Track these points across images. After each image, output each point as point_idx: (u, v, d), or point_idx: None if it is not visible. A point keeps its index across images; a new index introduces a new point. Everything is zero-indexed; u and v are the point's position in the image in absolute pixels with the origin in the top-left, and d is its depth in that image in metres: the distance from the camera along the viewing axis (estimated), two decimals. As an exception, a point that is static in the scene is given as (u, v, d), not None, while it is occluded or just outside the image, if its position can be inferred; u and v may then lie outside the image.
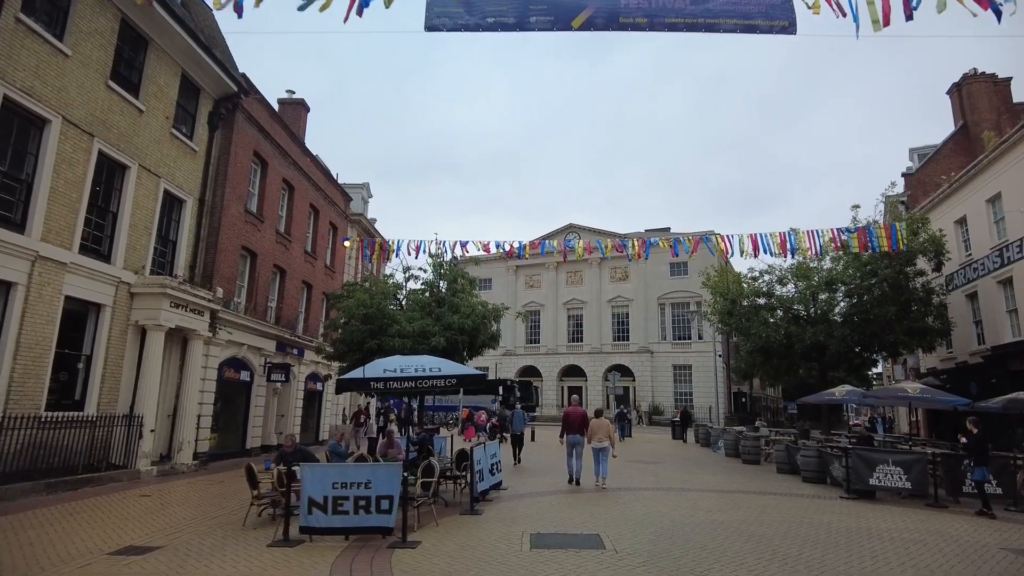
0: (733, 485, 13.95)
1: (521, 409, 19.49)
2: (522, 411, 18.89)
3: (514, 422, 18.32)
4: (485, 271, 63.42)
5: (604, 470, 13.00)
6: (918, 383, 14.01)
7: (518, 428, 18.17)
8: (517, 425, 18.21)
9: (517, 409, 19.05)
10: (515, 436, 18.06)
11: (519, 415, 18.48)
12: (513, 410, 19.40)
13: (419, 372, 10.28)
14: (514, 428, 18.21)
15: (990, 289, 22.38)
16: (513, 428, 18.27)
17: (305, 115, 29.69)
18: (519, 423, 18.27)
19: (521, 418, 18.39)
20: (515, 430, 18.14)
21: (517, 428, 18.16)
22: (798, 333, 22.77)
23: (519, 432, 18.10)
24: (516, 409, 19.10)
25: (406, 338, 14.91)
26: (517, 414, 18.49)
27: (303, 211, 23.08)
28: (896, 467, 11.77)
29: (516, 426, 18.21)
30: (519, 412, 18.61)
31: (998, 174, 21.80)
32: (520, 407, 35.97)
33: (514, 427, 18.24)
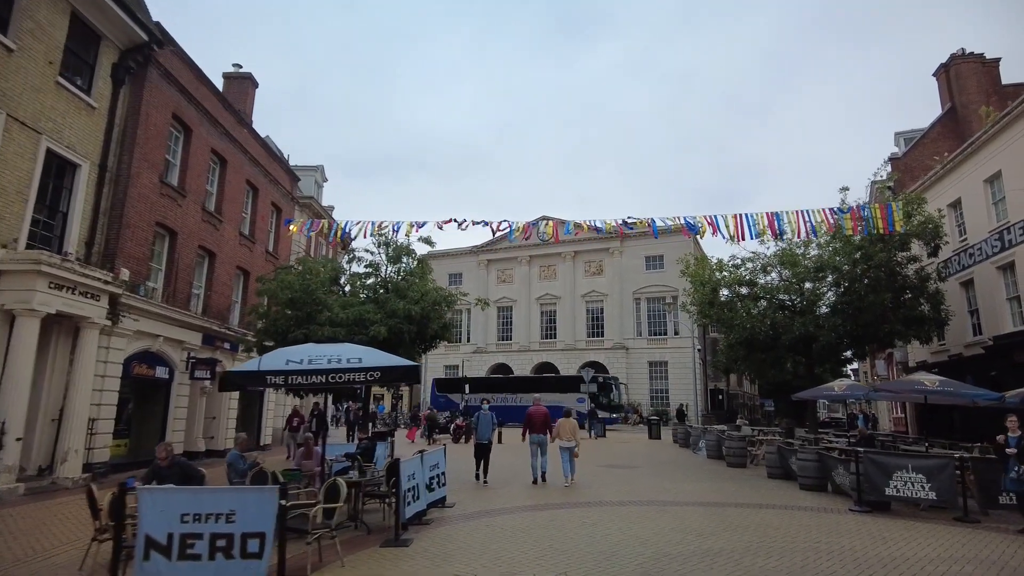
0: (723, 495, 11.92)
1: (490, 410, 14.45)
2: (490, 413, 14.15)
3: (479, 427, 13.85)
4: (455, 265, 61.20)
5: (572, 468, 13.32)
6: (935, 375, 12.16)
7: (484, 435, 13.71)
8: (483, 432, 13.75)
9: (482, 410, 14.20)
10: (479, 446, 13.62)
11: (485, 419, 13.85)
12: (478, 411, 14.38)
13: (332, 364, 8.08)
14: (479, 436, 13.77)
15: (988, 275, 20.78)
16: (477, 436, 13.78)
17: (253, 91, 27.22)
18: (485, 429, 13.77)
19: (488, 423, 13.86)
20: (480, 438, 13.72)
21: (483, 436, 13.71)
22: (785, 323, 20.96)
23: (485, 441, 13.65)
24: (482, 411, 14.17)
25: (339, 327, 12.62)
26: (483, 417, 13.86)
27: (238, 188, 20.57)
28: (918, 474, 9.84)
29: (481, 433, 13.75)
30: (484, 415, 13.95)
31: (998, 151, 20.19)
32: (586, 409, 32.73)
33: (479, 434, 13.79)
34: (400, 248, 15.33)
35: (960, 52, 29.35)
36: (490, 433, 13.89)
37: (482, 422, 13.94)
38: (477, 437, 13.80)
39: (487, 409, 14.29)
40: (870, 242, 19.99)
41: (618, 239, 54.51)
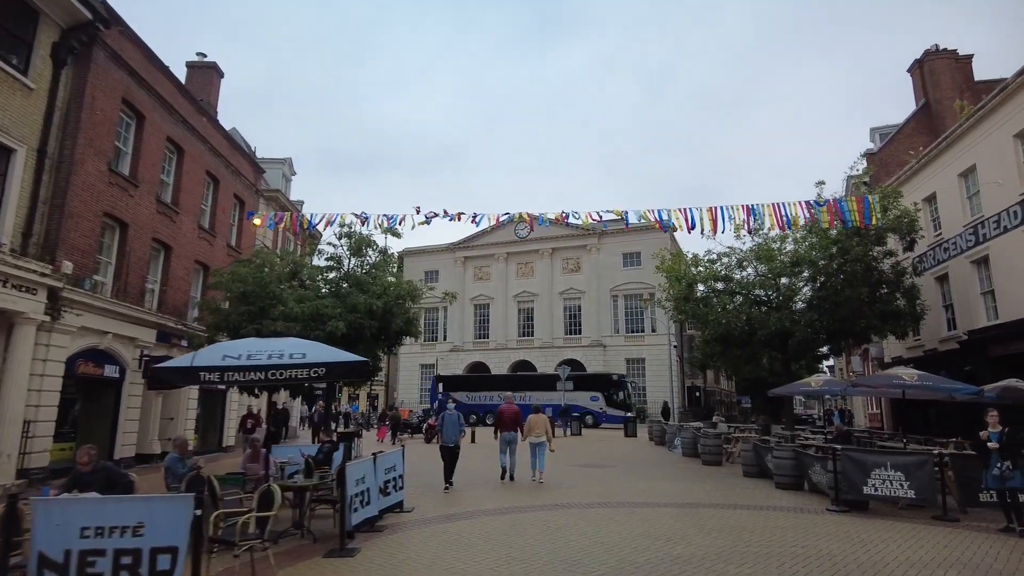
0: (696, 496, 11.45)
1: (456, 410, 13.19)
2: (457, 414, 12.84)
3: (445, 429, 12.51)
4: (432, 262, 60.41)
5: (541, 464, 13.45)
6: (913, 369, 11.81)
7: (450, 438, 12.41)
8: (449, 434, 12.44)
9: (449, 410, 12.90)
10: (446, 449, 12.39)
11: (451, 419, 12.55)
12: (443, 412, 13.01)
13: (273, 360, 7.42)
14: (444, 438, 12.45)
15: (963, 270, 20.66)
16: (443, 438, 12.47)
17: (218, 81, 26.32)
18: (451, 431, 12.45)
19: (455, 424, 12.54)
20: (446, 440, 12.43)
21: (449, 438, 12.41)
22: (761, 319, 20.64)
23: (451, 443, 12.40)
24: (448, 410, 12.87)
25: (293, 322, 11.90)
26: (448, 418, 12.56)
27: (197, 179, 19.69)
28: (896, 472, 9.44)
29: (447, 435, 12.43)
30: (450, 415, 12.62)
31: (972, 145, 20.05)
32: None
33: (444, 437, 12.46)
34: (361, 239, 14.62)
35: (934, 48, 29.38)
36: (458, 435, 12.52)
37: (448, 423, 12.51)
38: (443, 439, 12.44)
39: (453, 408, 13.04)
40: (846, 236, 19.75)
41: (595, 236, 54.19)
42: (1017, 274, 17.78)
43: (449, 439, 12.52)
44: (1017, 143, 17.90)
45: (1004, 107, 18.37)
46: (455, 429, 12.63)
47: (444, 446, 12.54)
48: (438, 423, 12.98)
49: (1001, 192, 18.42)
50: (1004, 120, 18.39)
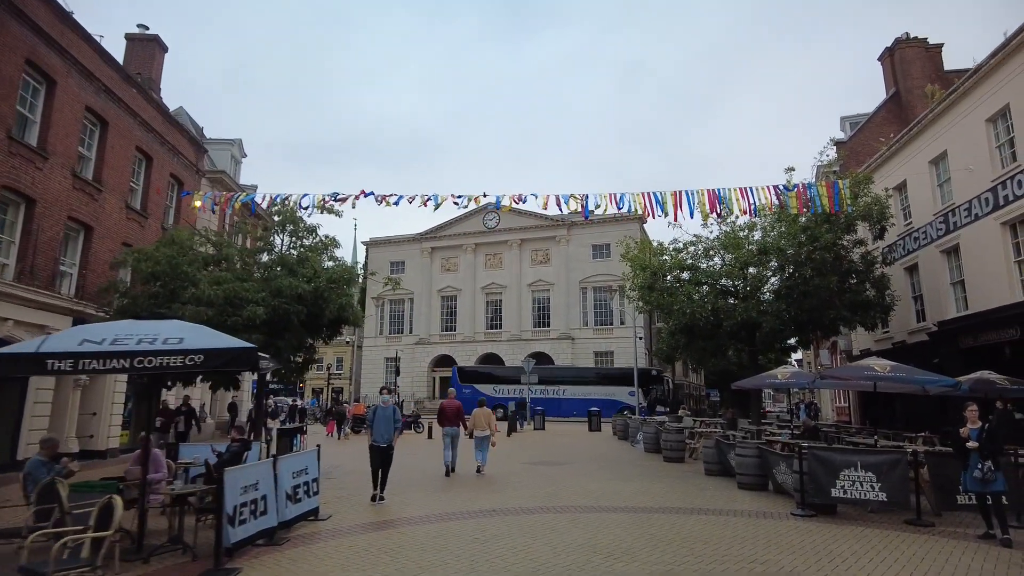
0: (651, 498, 10.46)
1: (394, 405, 10.78)
2: (393, 407, 10.50)
3: (375, 425, 10.26)
4: (398, 252, 58.90)
5: (484, 457, 13.56)
6: (886, 360, 10.97)
7: (381, 437, 10.15)
8: (380, 432, 10.18)
9: (383, 402, 10.55)
10: (376, 450, 10.13)
11: (384, 414, 10.31)
12: (375, 407, 10.64)
13: (142, 345, 6.21)
14: (374, 436, 10.21)
15: (933, 260, 20.07)
16: (373, 437, 10.24)
17: (160, 55, 24.68)
18: (384, 428, 10.19)
19: (387, 421, 10.28)
20: (376, 439, 10.17)
21: (380, 437, 10.15)
22: (727, 309, 19.82)
23: (383, 443, 10.13)
24: (382, 404, 10.52)
25: (205, 306, 10.60)
26: (381, 412, 10.33)
27: (124, 155, 18.09)
28: (867, 472, 8.54)
29: (378, 434, 10.17)
30: (383, 409, 10.36)
31: (943, 131, 19.41)
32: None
33: (374, 434, 10.23)
34: (287, 215, 13.33)
35: (904, 36, 28.87)
36: (392, 433, 10.24)
37: (379, 418, 10.27)
38: (372, 438, 10.19)
39: (388, 400, 10.57)
40: (816, 223, 19.01)
41: (565, 227, 53.29)
42: (988, 263, 17.18)
43: (380, 438, 10.16)
44: (989, 128, 17.26)
45: (976, 91, 17.72)
46: (389, 425, 10.28)
47: (373, 446, 10.17)
48: (367, 416, 10.58)
49: (972, 179, 17.79)
50: (976, 104, 17.75)
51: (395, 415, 10.40)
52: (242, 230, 13.91)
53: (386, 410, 10.55)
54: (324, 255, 14.41)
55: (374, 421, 10.48)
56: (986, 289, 17.13)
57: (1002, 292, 16.29)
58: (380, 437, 10.33)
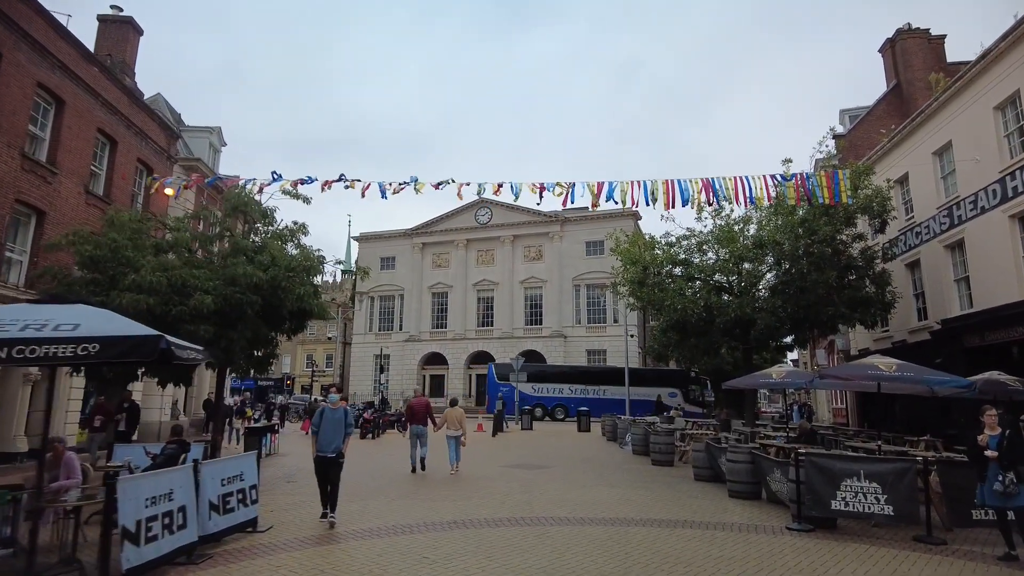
0: (633, 508, 9.53)
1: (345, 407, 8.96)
2: (343, 408, 8.72)
3: (321, 433, 8.42)
4: (388, 248, 57.88)
5: (457, 456, 13.30)
6: (891, 359, 10.07)
7: (327, 445, 8.34)
8: (326, 438, 8.36)
9: (331, 403, 8.71)
10: (322, 462, 8.36)
11: (331, 417, 8.47)
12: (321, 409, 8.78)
13: (28, 332, 5.28)
14: (319, 445, 8.38)
15: (936, 255, 19.17)
16: (318, 446, 8.41)
17: (135, 39, 23.65)
18: (331, 434, 8.38)
19: (336, 425, 8.44)
20: (321, 448, 8.37)
21: (325, 445, 8.35)
22: (720, 305, 18.91)
23: (329, 454, 8.33)
24: (329, 405, 8.69)
25: (146, 293, 9.61)
26: (329, 415, 8.48)
27: (84, 137, 17.07)
28: (871, 483, 7.62)
29: (324, 441, 8.35)
30: (332, 411, 8.53)
31: (948, 120, 18.51)
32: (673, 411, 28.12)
33: (319, 443, 8.38)
34: (236, 198, 12.33)
35: (906, 27, 27.98)
36: (340, 440, 8.42)
37: (326, 424, 8.42)
38: (317, 447, 8.40)
39: (338, 401, 8.74)
40: (814, 215, 18.12)
41: (558, 223, 52.35)
42: (994, 258, 16.30)
43: (326, 446, 8.33)
44: (997, 116, 16.37)
45: (983, 77, 16.82)
46: (337, 431, 8.42)
47: (319, 457, 8.37)
48: (312, 421, 8.79)
49: (978, 170, 16.89)
50: (983, 91, 16.85)
51: (346, 418, 8.62)
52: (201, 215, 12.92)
53: (335, 413, 8.69)
54: (290, 243, 13.43)
55: (320, 426, 8.52)
56: (992, 286, 16.25)
57: (1010, 289, 15.41)
58: (326, 445, 8.40)
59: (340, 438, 8.54)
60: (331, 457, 8.40)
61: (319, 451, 8.47)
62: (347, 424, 8.68)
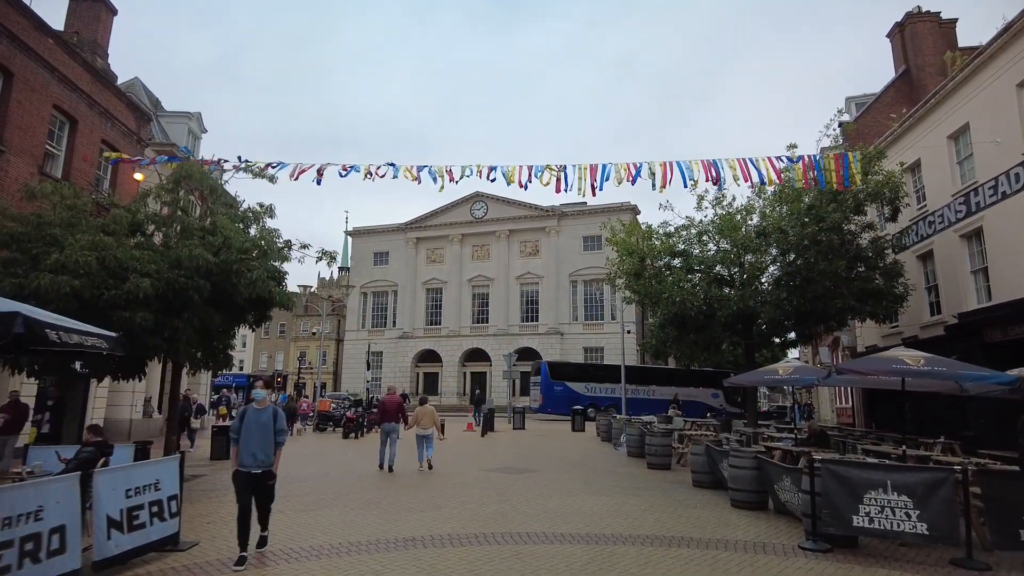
0: (623, 520, 8.37)
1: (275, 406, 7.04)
2: (273, 408, 6.76)
3: (242, 441, 6.46)
4: (382, 243, 56.75)
5: (430, 453, 13.17)
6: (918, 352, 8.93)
7: (251, 458, 6.40)
8: (248, 451, 6.41)
9: (256, 401, 6.74)
10: (242, 480, 6.42)
11: (256, 422, 6.51)
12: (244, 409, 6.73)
13: None
14: (240, 458, 6.44)
15: (950, 246, 18.02)
16: (239, 458, 6.46)
17: (108, 18, 22.44)
18: (255, 445, 6.43)
19: (262, 431, 6.48)
20: (242, 463, 6.42)
21: (248, 458, 6.40)
22: (721, 299, 17.75)
23: (253, 469, 6.41)
24: (254, 405, 6.70)
25: (70, 276, 8.43)
26: (252, 417, 6.55)
27: (37, 115, 15.86)
28: (900, 495, 6.47)
29: (245, 454, 6.42)
30: (255, 414, 6.58)
31: (965, 101, 17.36)
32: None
33: (240, 455, 6.44)
34: (181, 169, 11.14)
35: (916, 10, 26.83)
36: (269, 451, 6.47)
37: (249, 428, 6.43)
38: (238, 461, 6.44)
39: (264, 398, 6.76)
40: (821, 202, 16.97)
41: (555, 218, 51.21)
42: (1016, 248, 15.16)
43: (248, 458, 6.37)
44: (1021, 93, 15.22)
45: (1006, 52, 15.68)
46: (265, 439, 6.45)
47: (239, 473, 6.43)
48: (231, 426, 6.71)
49: (999, 153, 15.74)
50: (1005, 67, 15.70)
51: (276, 423, 6.57)
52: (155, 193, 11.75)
53: (260, 414, 6.56)
54: (254, 225, 12.24)
55: (240, 431, 6.47)
56: (1014, 277, 15.11)
57: (1034, 279, 14.29)
58: (249, 457, 6.37)
59: (268, 448, 6.48)
60: (256, 475, 6.39)
61: (240, 464, 6.42)
62: (277, 430, 6.58)
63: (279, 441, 6.62)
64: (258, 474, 6.42)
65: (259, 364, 65.33)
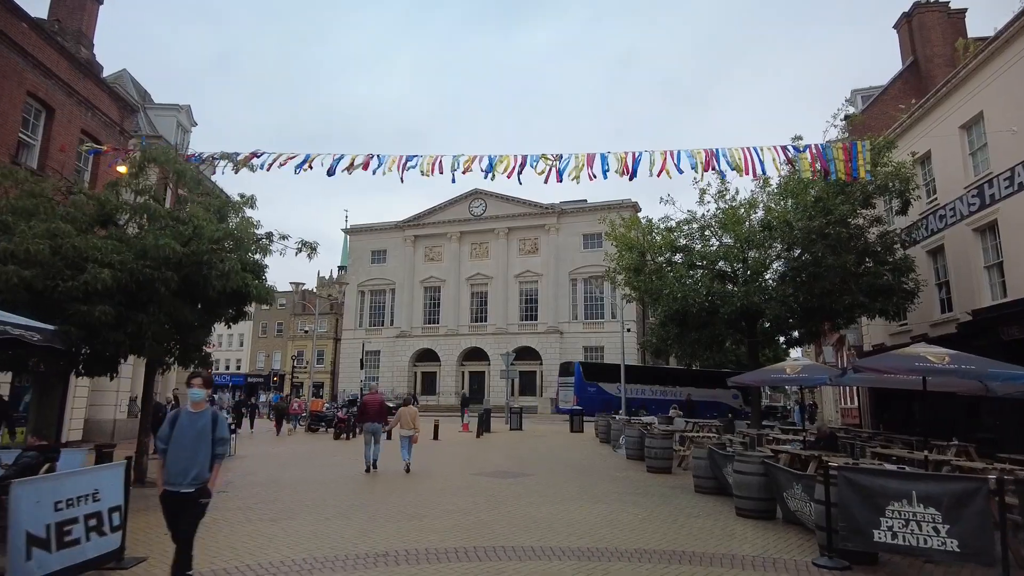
0: (618, 531, 7.68)
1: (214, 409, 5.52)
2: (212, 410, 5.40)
3: (170, 452, 5.14)
4: (379, 241, 56.08)
5: (407, 455, 12.88)
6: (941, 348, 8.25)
7: (181, 474, 5.06)
8: (177, 465, 5.08)
9: (193, 402, 5.32)
10: (171, 502, 5.11)
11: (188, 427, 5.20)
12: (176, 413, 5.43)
13: None
14: (167, 475, 5.11)
15: (963, 240, 17.32)
16: (166, 474, 5.12)
17: (93, 6, 21.77)
18: (186, 458, 5.09)
19: (196, 442, 5.15)
20: (169, 480, 5.10)
21: (176, 475, 5.07)
22: (724, 295, 17.07)
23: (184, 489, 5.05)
24: (189, 408, 5.33)
25: (21, 264, 7.75)
26: (185, 423, 5.22)
27: (9, 101, 15.19)
28: (927, 507, 5.79)
29: (173, 469, 5.08)
30: (189, 418, 5.24)
31: (979, 89, 16.66)
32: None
33: (167, 471, 5.12)
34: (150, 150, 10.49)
35: (924, 0, 26.13)
36: (203, 464, 5.19)
37: (181, 437, 5.17)
38: (165, 477, 5.17)
39: (201, 400, 5.36)
40: (828, 194, 16.29)
41: (555, 215, 50.51)
42: (1033, 241, 14.48)
43: (177, 475, 5.09)
44: (1039, 79, 14.54)
45: (1023, 37, 14.98)
46: (197, 448, 5.17)
47: (166, 493, 5.14)
48: (159, 433, 5.31)
49: (1016, 142, 15.05)
50: (1023, 53, 15.00)
51: (215, 430, 5.28)
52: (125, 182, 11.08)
53: (196, 420, 5.25)
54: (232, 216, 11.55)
55: (170, 440, 5.17)
56: (1031, 271, 14.43)
57: (1054, 274, 13.59)
58: (178, 474, 5.06)
59: (204, 461, 5.17)
60: (185, 494, 5.06)
61: (167, 483, 5.11)
62: (216, 439, 5.28)
63: (218, 453, 5.32)
64: (186, 494, 5.06)
65: (256, 364, 64.70)
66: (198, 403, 5.37)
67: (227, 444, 5.62)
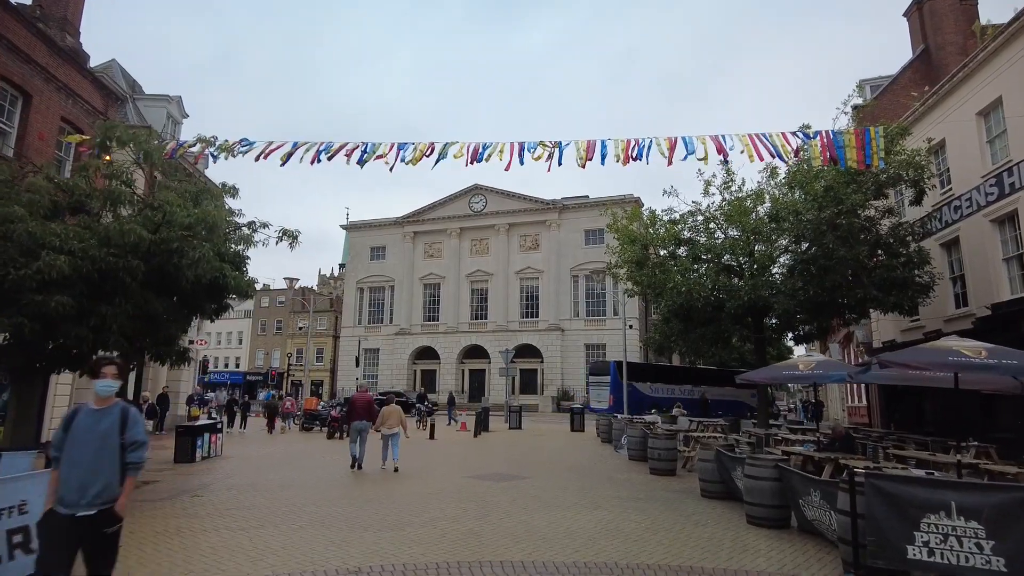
0: (618, 542, 7.00)
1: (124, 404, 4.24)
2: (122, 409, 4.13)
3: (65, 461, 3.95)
4: (378, 237, 55.45)
5: (395, 454, 12.62)
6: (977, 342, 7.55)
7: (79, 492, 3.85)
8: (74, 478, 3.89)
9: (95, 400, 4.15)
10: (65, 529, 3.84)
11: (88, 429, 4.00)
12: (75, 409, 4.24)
13: None
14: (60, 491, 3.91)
15: (980, 232, 16.59)
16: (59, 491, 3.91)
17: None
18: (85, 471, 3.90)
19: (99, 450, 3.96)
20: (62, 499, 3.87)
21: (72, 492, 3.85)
22: (730, 288, 16.37)
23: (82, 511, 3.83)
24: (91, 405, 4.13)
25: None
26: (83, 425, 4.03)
27: (-19, 84, 14.60)
28: (968, 520, 5.10)
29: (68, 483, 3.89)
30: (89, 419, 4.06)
31: (998, 72, 15.91)
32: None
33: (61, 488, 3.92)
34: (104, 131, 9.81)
35: (936, -14, 25.35)
36: (110, 481, 3.95)
37: (78, 441, 3.97)
38: (57, 494, 3.91)
39: (108, 394, 4.15)
40: (839, 183, 15.56)
41: (556, 211, 49.79)
42: (1057, 231, 13.75)
43: (72, 492, 3.88)
44: (1063, 61, 13.80)
45: (1046, 16, 14.24)
46: (103, 457, 3.97)
47: (53, 514, 3.91)
48: (53, 439, 4.08)
49: (1037, 128, 14.33)
50: (1045, 34, 14.27)
51: (125, 431, 4.08)
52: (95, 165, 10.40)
53: (100, 419, 4.10)
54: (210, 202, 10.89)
55: (63, 447, 4.02)
56: (1055, 262, 13.69)
57: (1081, 264, 12.85)
58: (74, 490, 3.90)
59: (111, 473, 3.99)
60: (84, 519, 3.85)
61: (59, 502, 3.91)
62: (128, 443, 4.07)
63: (131, 462, 4.05)
64: (90, 517, 3.83)
65: (255, 362, 64.11)
66: (105, 398, 4.14)
67: (143, 449, 4.17)
